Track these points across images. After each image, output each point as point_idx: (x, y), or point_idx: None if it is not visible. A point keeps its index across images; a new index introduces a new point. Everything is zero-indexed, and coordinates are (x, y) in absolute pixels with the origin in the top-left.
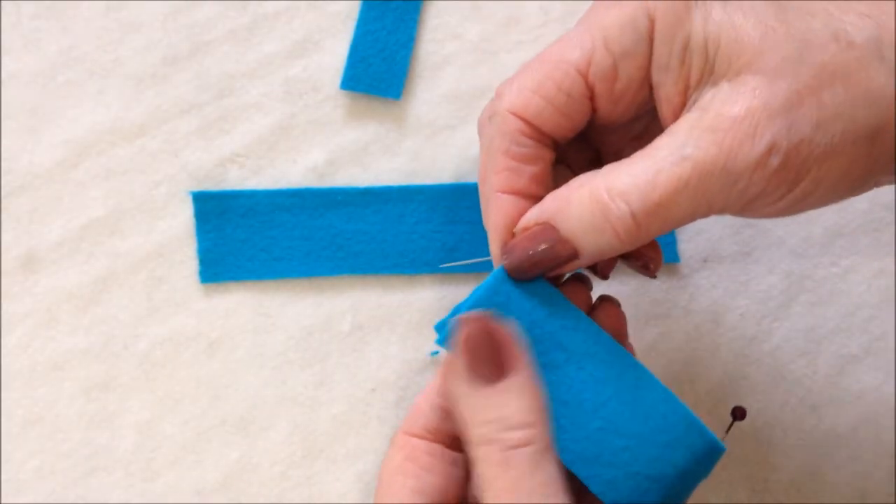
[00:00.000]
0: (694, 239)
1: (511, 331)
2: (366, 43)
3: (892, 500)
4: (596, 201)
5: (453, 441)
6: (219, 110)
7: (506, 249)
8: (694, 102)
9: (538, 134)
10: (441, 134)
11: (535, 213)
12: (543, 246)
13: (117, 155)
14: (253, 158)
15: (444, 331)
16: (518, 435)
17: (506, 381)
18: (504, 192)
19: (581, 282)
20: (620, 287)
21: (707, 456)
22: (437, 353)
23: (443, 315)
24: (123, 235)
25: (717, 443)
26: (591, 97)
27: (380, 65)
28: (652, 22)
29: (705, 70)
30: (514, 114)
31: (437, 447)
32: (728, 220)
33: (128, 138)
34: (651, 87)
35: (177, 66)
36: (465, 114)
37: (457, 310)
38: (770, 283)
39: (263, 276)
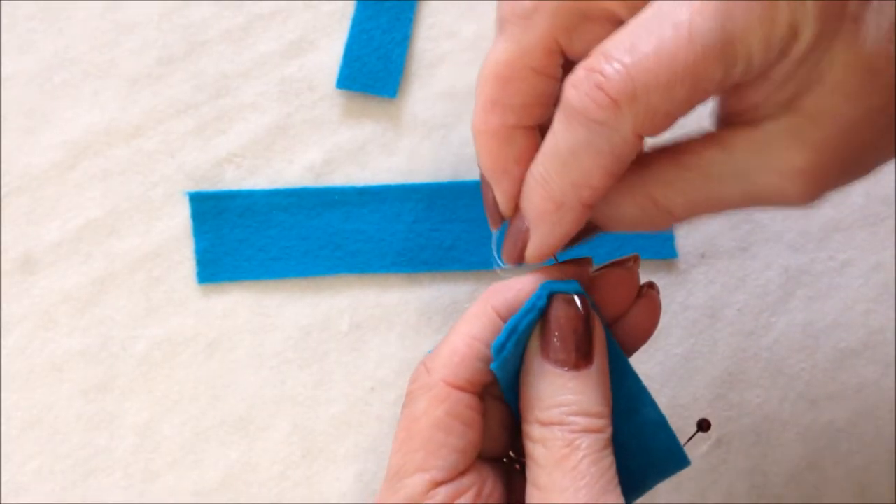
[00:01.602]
0: (691, 234)
1: (598, 321)
2: (361, 42)
3: (892, 494)
4: None
5: (484, 391)
6: (215, 110)
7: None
8: None
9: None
10: (437, 132)
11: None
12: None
13: (114, 156)
14: (249, 158)
15: (502, 354)
16: (591, 422)
17: (588, 370)
18: None
19: (626, 271)
20: None
21: (675, 471)
22: None
23: (442, 314)
24: (121, 236)
25: (688, 462)
26: None
27: (375, 64)
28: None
29: None
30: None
31: (476, 401)
32: (726, 216)
33: (124, 139)
34: None
35: (172, 66)
36: (461, 112)
37: (512, 326)
38: (768, 278)
39: (261, 276)
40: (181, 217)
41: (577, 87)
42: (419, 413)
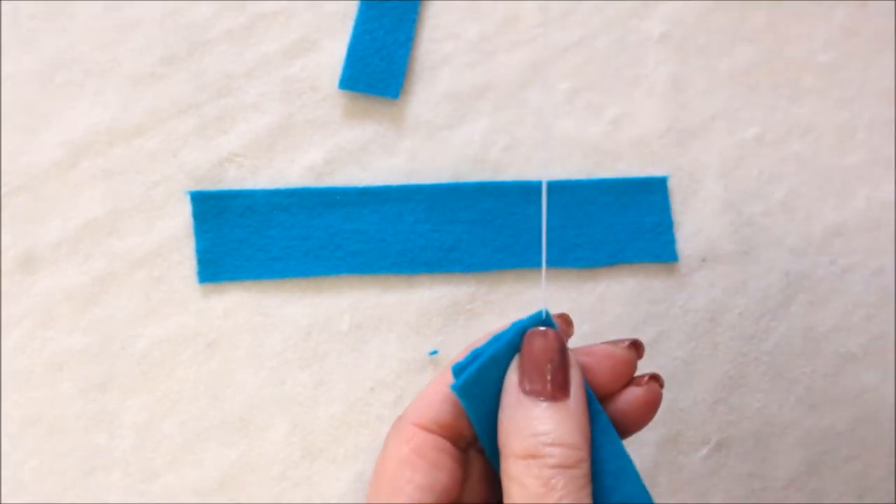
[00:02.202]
0: (692, 238)
1: (575, 362)
2: (364, 42)
3: (892, 499)
4: None
5: (459, 438)
6: (217, 110)
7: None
8: None
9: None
10: (439, 133)
11: None
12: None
13: (115, 155)
14: (251, 158)
15: (463, 375)
16: (567, 455)
17: (565, 402)
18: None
19: (618, 348)
20: (619, 287)
21: None
22: (435, 352)
23: (442, 315)
24: (121, 236)
25: None
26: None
27: (378, 64)
28: None
29: None
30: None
31: (446, 443)
32: (727, 219)
33: (126, 138)
34: None
35: (174, 65)
36: (464, 113)
37: (477, 352)
38: (768, 283)
39: (262, 276)
40: (182, 216)
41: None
42: (387, 455)
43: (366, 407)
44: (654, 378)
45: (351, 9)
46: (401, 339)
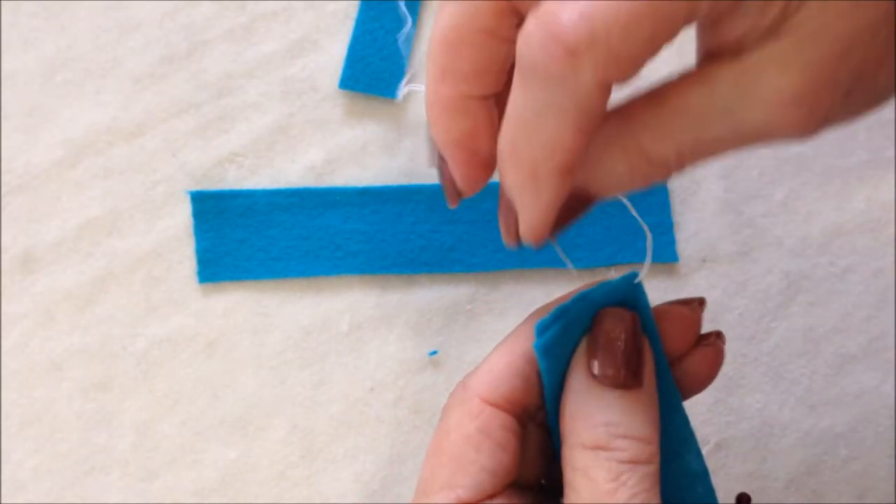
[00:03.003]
0: (692, 239)
1: (648, 345)
2: (364, 42)
3: (892, 500)
4: None
5: (523, 413)
6: (217, 110)
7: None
8: None
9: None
10: None
11: None
12: None
13: (115, 155)
14: (251, 158)
15: (546, 334)
16: (639, 449)
17: (637, 392)
18: None
19: (689, 310)
20: None
21: None
22: (435, 352)
23: (442, 316)
24: (121, 235)
25: None
26: None
27: (378, 64)
28: None
29: None
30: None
31: (512, 421)
32: (727, 219)
33: (126, 138)
34: None
35: (175, 65)
36: None
37: (561, 309)
38: (768, 283)
39: (262, 276)
40: (182, 216)
41: (528, 41)
42: (450, 427)
43: (365, 407)
44: (719, 336)
45: (351, 8)
46: (400, 339)
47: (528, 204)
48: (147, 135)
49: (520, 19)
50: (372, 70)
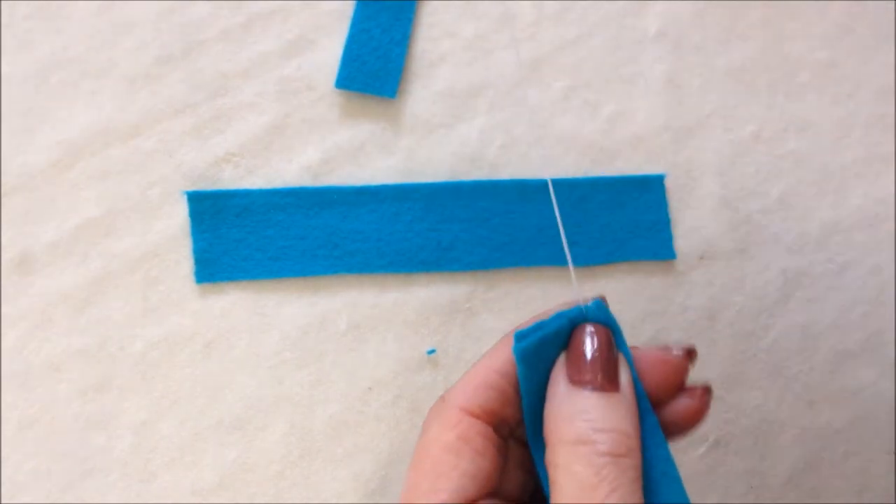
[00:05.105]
0: (690, 236)
1: (625, 360)
2: (360, 41)
3: (890, 496)
4: None
5: (502, 425)
6: (213, 110)
7: None
8: None
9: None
10: (436, 132)
11: None
12: None
13: (111, 155)
14: (248, 158)
15: (526, 340)
16: (618, 440)
17: (617, 395)
18: None
19: (675, 358)
20: (617, 285)
21: None
22: (433, 351)
23: (440, 314)
24: (118, 236)
25: None
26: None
27: (374, 63)
28: None
29: None
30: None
31: (490, 430)
32: (724, 216)
33: (122, 139)
34: None
35: (170, 65)
36: (461, 112)
37: (540, 324)
38: (766, 280)
39: (259, 276)
40: (179, 217)
41: None
42: (430, 439)
43: (364, 406)
44: (707, 391)
45: (347, 8)
46: (398, 338)
47: None
48: (143, 135)
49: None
50: (368, 69)
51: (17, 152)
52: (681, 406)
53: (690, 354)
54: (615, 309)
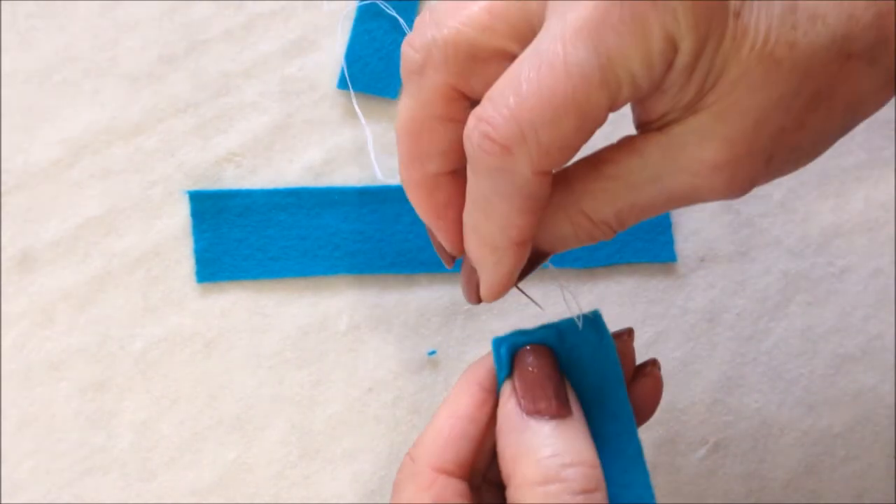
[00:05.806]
0: (691, 238)
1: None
2: (362, 42)
3: (890, 500)
4: None
5: (475, 475)
6: (215, 109)
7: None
8: None
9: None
10: None
11: None
12: None
13: (113, 154)
14: (249, 158)
15: (503, 345)
16: (588, 476)
17: (571, 419)
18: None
19: (620, 342)
20: (617, 287)
21: None
22: (434, 352)
23: (440, 315)
24: (119, 235)
25: None
26: None
27: (376, 64)
28: None
29: None
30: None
31: (464, 486)
32: (725, 219)
33: (124, 137)
34: None
35: (173, 65)
36: None
37: (520, 331)
38: (767, 283)
39: (260, 276)
40: (180, 216)
41: (469, 137)
42: (404, 495)
43: (364, 407)
44: (654, 364)
45: (349, 8)
46: (399, 339)
47: (490, 271)
48: (145, 134)
49: (471, 101)
50: (370, 70)
51: (18, 150)
52: (640, 389)
53: (630, 334)
54: (615, 311)
